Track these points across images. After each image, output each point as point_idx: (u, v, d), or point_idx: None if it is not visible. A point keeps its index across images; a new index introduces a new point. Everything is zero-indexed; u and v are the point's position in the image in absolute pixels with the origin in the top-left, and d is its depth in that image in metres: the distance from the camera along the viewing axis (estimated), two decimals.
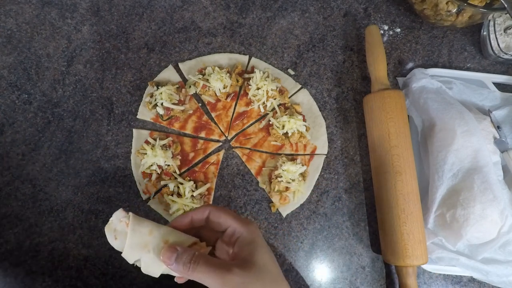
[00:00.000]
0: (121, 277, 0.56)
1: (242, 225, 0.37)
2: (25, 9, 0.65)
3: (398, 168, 0.55)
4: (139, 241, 0.35)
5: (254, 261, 0.35)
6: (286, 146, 0.62)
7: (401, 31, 0.69)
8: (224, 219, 0.38)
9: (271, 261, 0.37)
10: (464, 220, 0.52)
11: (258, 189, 0.61)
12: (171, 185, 0.57)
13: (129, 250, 0.35)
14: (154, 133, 0.61)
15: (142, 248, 0.35)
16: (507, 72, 0.68)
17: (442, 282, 0.58)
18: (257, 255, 0.36)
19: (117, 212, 0.36)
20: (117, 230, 0.36)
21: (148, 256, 0.35)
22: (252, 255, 0.35)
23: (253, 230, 0.38)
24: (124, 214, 0.36)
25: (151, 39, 0.66)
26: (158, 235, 0.36)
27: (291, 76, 0.65)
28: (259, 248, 0.37)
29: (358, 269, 0.58)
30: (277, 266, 0.38)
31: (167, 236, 0.36)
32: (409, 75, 0.64)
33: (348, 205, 0.61)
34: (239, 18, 0.68)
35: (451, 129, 0.56)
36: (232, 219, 0.38)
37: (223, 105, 0.63)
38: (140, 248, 0.35)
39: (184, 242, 0.36)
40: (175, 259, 0.34)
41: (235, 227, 0.37)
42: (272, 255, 0.38)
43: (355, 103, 0.65)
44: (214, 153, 0.62)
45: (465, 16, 0.59)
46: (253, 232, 0.38)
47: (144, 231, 0.35)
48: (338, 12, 0.69)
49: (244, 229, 0.37)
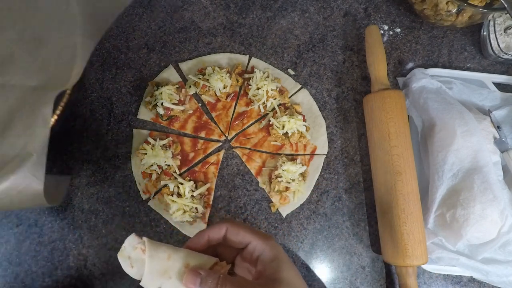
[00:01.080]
0: (121, 277, 0.56)
1: (263, 241, 0.36)
2: None
3: (398, 168, 0.55)
4: (158, 267, 0.33)
5: (280, 279, 0.33)
6: (286, 146, 0.62)
7: (401, 31, 0.69)
8: (243, 236, 0.36)
9: (297, 277, 0.36)
10: (464, 220, 0.52)
11: (258, 189, 0.61)
12: (171, 185, 0.57)
13: (149, 278, 0.33)
14: (154, 133, 0.61)
15: (162, 275, 0.33)
16: (507, 72, 0.68)
17: (442, 282, 0.58)
18: (282, 272, 0.34)
19: (130, 237, 0.34)
20: (131, 257, 0.33)
21: (170, 283, 0.33)
22: (277, 273, 0.34)
23: (275, 245, 0.36)
24: (138, 240, 0.34)
25: (151, 39, 0.66)
26: (177, 259, 0.34)
27: (291, 76, 0.65)
28: (283, 264, 0.35)
29: (358, 269, 0.58)
30: (303, 281, 0.37)
31: (187, 260, 0.34)
32: (409, 75, 0.64)
33: (348, 205, 0.61)
34: (239, 18, 0.68)
35: (451, 129, 0.56)
36: (251, 235, 0.36)
37: (223, 105, 0.63)
38: (160, 274, 0.33)
39: (205, 264, 0.35)
40: (200, 283, 0.32)
41: (256, 244, 0.36)
42: (297, 270, 0.37)
43: (355, 103, 0.65)
44: (214, 153, 0.62)
45: (465, 16, 0.59)
46: (275, 247, 0.36)
47: (163, 256, 0.33)
48: (338, 12, 0.69)
49: (266, 246, 0.35)
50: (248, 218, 0.59)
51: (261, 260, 0.35)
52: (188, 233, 0.57)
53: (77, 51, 0.48)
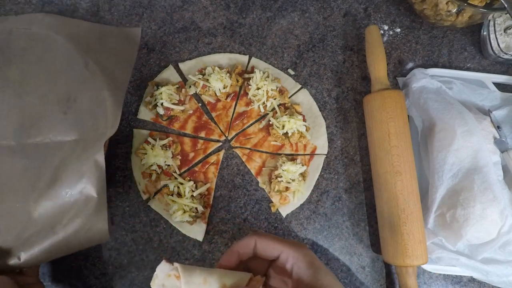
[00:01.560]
0: (121, 277, 0.56)
1: (296, 249, 0.35)
2: (25, 9, 0.65)
3: (398, 168, 0.55)
4: None
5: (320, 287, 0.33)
6: (286, 146, 0.62)
7: (401, 31, 0.69)
8: (273, 247, 0.35)
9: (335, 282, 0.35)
10: (464, 220, 0.52)
11: (258, 189, 0.61)
12: (171, 185, 0.57)
13: None
14: (154, 133, 0.61)
15: None
16: (507, 72, 0.68)
17: (442, 282, 0.58)
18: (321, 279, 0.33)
19: (161, 265, 0.34)
20: (166, 285, 0.33)
21: None
22: (316, 280, 0.33)
23: (308, 252, 0.36)
24: (170, 267, 0.33)
25: (151, 39, 0.66)
26: (213, 281, 0.33)
27: (291, 76, 0.65)
28: (320, 271, 0.34)
29: (358, 269, 0.58)
30: (341, 284, 0.36)
31: (222, 280, 0.33)
32: (409, 75, 0.64)
33: (348, 205, 0.61)
34: (239, 18, 0.68)
35: (451, 129, 0.56)
36: (281, 245, 0.35)
37: (223, 105, 0.63)
38: None
39: (241, 282, 0.34)
40: None
41: (288, 253, 0.35)
42: (333, 274, 0.36)
43: (355, 103, 0.65)
44: (214, 153, 0.62)
45: (465, 16, 0.59)
46: (308, 254, 0.35)
47: (198, 281, 0.33)
48: (338, 12, 0.69)
49: (298, 254, 0.35)
50: (248, 218, 0.59)
51: (297, 268, 0.34)
52: (188, 233, 0.57)
53: (107, 103, 0.53)
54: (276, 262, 0.36)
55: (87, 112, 0.53)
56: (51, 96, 0.53)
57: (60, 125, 0.52)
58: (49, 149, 0.51)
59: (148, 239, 0.57)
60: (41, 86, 0.54)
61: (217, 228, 0.58)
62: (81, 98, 0.53)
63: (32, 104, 0.53)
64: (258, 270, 0.37)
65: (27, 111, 0.52)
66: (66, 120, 0.52)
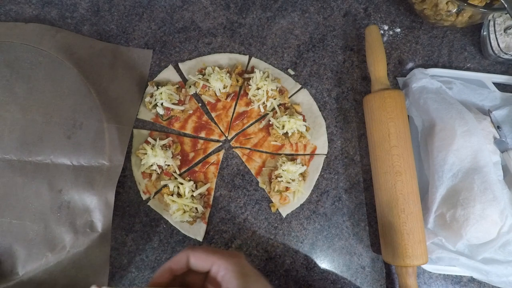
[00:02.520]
0: (121, 277, 0.56)
1: (226, 259, 0.35)
2: (25, 9, 0.65)
3: (398, 168, 0.55)
4: None
5: None
6: (286, 146, 0.62)
7: (401, 31, 0.69)
8: (205, 260, 0.35)
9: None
10: (464, 220, 0.52)
11: (258, 189, 0.61)
12: (171, 185, 0.57)
13: None
14: (154, 133, 0.61)
15: None
16: (507, 72, 0.68)
17: (442, 282, 0.58)
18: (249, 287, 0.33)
19: None
20: None
21: None
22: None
23: (238, 261, 0.35)
24: None
25: (151, 39, 0.66)
26: None
27: (291, 76, 0.65)
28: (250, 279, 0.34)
29: (358, 269, 0.58)
30: None
31: None
32: (409, 75, 0.64)
33: (348, 205, 0.61)
34: (239, 18, 0.68)
35: (451, 129, 0.56)
36: (213, 256, 0.35)
37: (223, 105, 0.63)
38: None
39: None
40: None
41: (219, 264, 0.35)
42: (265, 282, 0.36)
43: (355, 103, 0.65)
44: (214, 153, 0.62)
45: (465, 16, 0.59)
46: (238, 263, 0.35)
47: None
48: (338, 12, 0.69)
49: (228, 263, 0.34)
50: (248, 218, 0.59)
51: (226, 278, 0.34)
52: (188, 233, 0.57)
53: (105, 136, 0.54)
54: (210, 274, 0.36)
55: (90, 141, 0.54)
56: (56, 117, 0.54)
57: (63, 148, 0.53)
58: (49, 171, 0.52)
59: (148, 239, 0.57)
60: (46, 104, 0.54)
61: (217, 228, 0.59)
62: (87, 125, 0.54)
63: (35, 121, 0.53)
64: (195, 284, 0.37)
65: (29, 127, 0.53)
66: (69, 144, 0.53)
